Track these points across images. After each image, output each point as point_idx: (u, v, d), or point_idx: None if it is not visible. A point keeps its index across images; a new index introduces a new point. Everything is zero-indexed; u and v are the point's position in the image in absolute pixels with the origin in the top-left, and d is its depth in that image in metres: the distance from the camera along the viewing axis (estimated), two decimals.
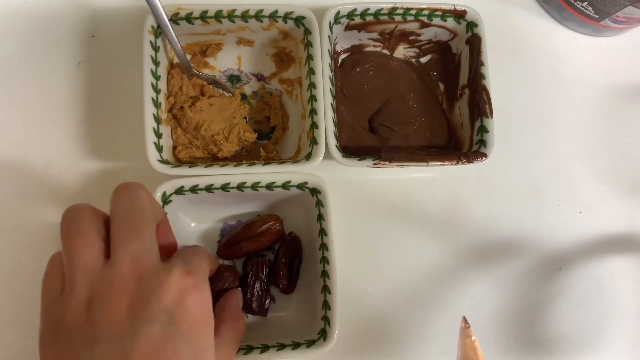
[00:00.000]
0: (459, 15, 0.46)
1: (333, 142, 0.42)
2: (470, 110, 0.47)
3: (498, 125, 0.45)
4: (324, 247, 0.42)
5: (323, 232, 0.42)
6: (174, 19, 0.43)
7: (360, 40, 0.49)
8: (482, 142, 0.45)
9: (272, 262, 0.45)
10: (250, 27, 0.45)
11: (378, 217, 0.49)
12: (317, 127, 0.42)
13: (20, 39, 0.48)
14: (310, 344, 0.40)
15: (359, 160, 0.43)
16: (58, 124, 0.47)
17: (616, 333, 0.50)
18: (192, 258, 0.32)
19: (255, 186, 0.42)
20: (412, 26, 0.47)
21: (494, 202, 0.50)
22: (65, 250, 0.28)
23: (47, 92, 0.47)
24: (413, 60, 0.51)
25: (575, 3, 0.51)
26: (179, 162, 0.44)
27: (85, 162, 0.46)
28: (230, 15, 0.44)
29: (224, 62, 0.49)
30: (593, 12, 0.51)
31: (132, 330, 0.26)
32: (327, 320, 0.41)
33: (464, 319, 0.35)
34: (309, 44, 0.44)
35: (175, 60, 0.46)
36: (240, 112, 0.46)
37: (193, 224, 0.46)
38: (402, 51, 0.51)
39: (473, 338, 0.34)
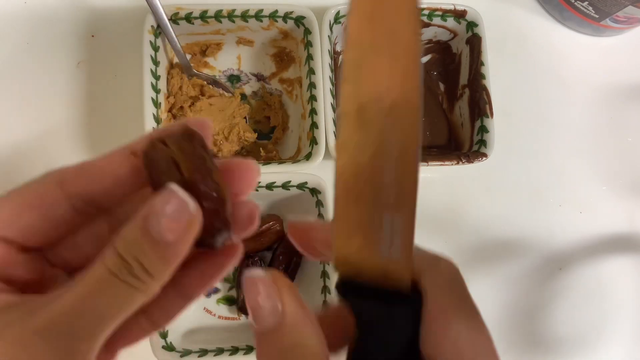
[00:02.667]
0: (459, 15, 0.46)
1: (333, 142, 0.42)
2: (470, 110, 0.47)
3: (498, 125, 0.45)
4: None
5: None
6: (174, 18, 0.43)
7: None
8: (482, 142, 0.45)
9: (270, 263, 0.45)
10: (250, 27, 0.45)
11: None
12: (317, 127, 0.42)
13: (20, 39, 0.48)
14: None
15: None
16: (58, 123, 0.47)
17: (616, 333, 0.50)
18: None
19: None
20: None
21: (494, 202, 0.50)
22: None
23: (47, 92, 0.47)
24: None
25: (575, 3, 0.51)
26: None
27: None
28: (230, 15, 0.43)
29: (224, 62, 0.49)
30: (593, 12, 0.51)
31: None
32: None
33: None
34: (309, 44, 0.44)
35: (175, 60, 0.46)
36: (240, 112, 0.46)
37: None
38: None
39: None
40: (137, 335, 0.21)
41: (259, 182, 0.42)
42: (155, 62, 0.43)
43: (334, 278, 0.40)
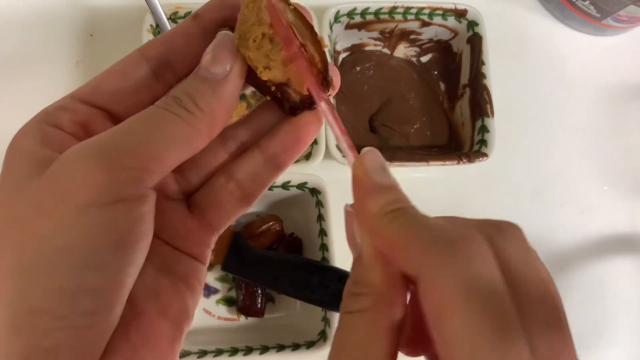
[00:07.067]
0: (460, 14, 0.46)
1: (333, 142, 0.42)
2: (471, 110, 0.47)
3: (499, 125, 0.45)
4: (324, 247, 0.42)
5: (323, 232, 0.42)
6: (173, 17, 0.43)
7: (360, 39, 0.49)
8: (483, 142, 0.44)
9: None
10: None
11: None
12: None
13: (19, 38, 0.48)
14: (310, 345, 0.40)
15: None
16: None
17: (617, 333, 0.50)
18: None
19: None
20: (413, 25, 0.47)
21: (495, 202, 0.50)
22: None
23: (46, 92, 0.47)
24: (414, 59, 0.51)
25: (576, 2, 0.51)
26: None
27: None
28: None
29: None
30: (595, 11, 0.51)
31: None
32: (327, 321, 0.40)
33: None
34: None
35: None
36: (237, 112, 0.46)
37: None
38: (402, 50, 0.51)
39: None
40: (228, 205, 0.22)
41: None
42: None
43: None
